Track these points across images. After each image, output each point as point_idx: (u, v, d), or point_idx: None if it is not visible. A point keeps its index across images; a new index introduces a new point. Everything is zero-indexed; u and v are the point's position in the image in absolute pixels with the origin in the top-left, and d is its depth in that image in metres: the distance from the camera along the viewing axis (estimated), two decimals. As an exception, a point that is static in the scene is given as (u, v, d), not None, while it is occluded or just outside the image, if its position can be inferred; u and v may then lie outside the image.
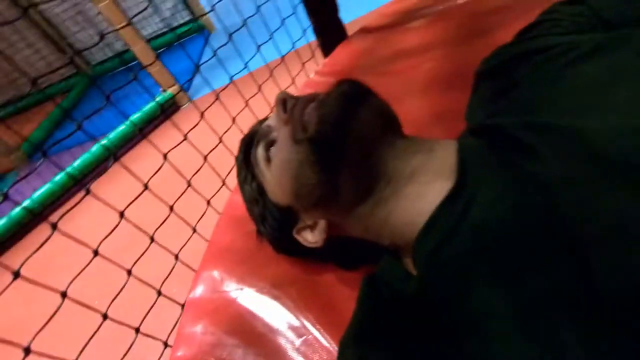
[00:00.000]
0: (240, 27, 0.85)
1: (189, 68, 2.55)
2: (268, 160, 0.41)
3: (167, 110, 2.27)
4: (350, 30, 1.12)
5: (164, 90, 2.29)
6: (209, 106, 0.75)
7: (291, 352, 0.46)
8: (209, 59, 0.80)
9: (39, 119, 2.77)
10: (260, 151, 0.42)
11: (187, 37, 3.24)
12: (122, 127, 2.09)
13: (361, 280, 0.39)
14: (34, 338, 0.43)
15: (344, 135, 0.35)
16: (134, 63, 3.09)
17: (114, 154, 1.95)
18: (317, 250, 0.43)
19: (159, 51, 2.43)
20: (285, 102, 0.39)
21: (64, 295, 0.46)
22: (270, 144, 0.42)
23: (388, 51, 0.96)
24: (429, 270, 0.32)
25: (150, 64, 1.92)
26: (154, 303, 0.63)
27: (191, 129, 0.70)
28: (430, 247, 0.32)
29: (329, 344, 0.44)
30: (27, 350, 0.43)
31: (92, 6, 2.92)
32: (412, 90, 0.78)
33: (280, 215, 0.42)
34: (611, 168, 0.25)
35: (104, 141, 2.06)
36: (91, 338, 0.52)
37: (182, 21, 3.31)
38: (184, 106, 2.26)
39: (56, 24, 3.23)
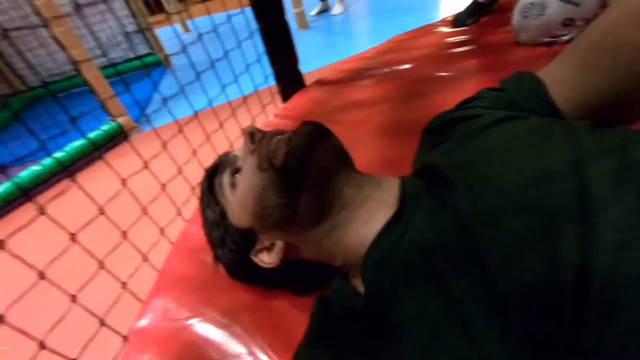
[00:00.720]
0: (204, 70, 0.90)
1: (141, 99, 2.52)
2: (233, 185, 0.47)
3: (113, 140, 2.19)
4: (307, 80, 1.23)
5: (113, 119, 2.22)
6: (172, 137, 0.77)
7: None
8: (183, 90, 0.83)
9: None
10: (226, 177, 0.48)
11: (142, 69, 3.22)
12: (62, 153, 1.97)
13: (314, 301, 0.44)
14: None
15: (307, 166, 0.41)
16: (78, 89, 2.98)
17: (66, 173, 1.80)
18: (271, 274, 0.47)
19: (110, 80, 2.38)
20: (253, 134, 0.45)
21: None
22: (236, 171, 0.47)
23: (340, 102, 1.08)
24: (372, 282, 0.38)
25: (109, 96, 1.87)
26: (95, 334, 0.60)
27: (152, 157, 0.71)
28: (374, 262, 0.38)
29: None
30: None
31: (41, 30, 2.83)
32: (362, 138, 0.88)
33: (240, 237, 0.46)
34: (506, 199, 0.33)
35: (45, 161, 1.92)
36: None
37: (139, 53, 3.30)
38: (132, 137, 2.20)
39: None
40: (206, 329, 0.52)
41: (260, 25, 1.03)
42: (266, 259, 0.46)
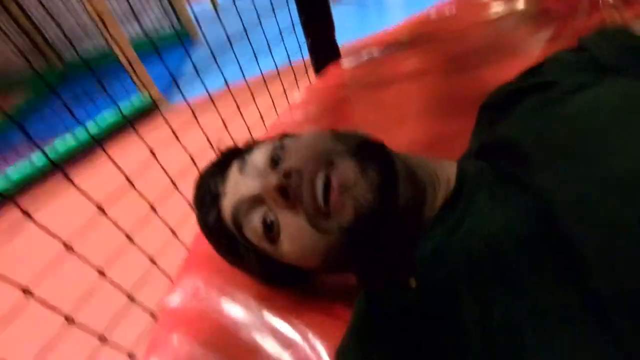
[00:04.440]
0: (233, 41, 0.84)
1: (166, 74, 2.50)
2: (272, 242, 0.37)
3: (144, 113, 2.20)
4: (344, 52, 1.15)
5: (143, 94, 2.22)
6: (204, 109, 0.73)
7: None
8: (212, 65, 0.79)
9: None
10: (258, 227, 0.37)
11: (169, 44, 3.20)
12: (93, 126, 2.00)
13: (357, 296, 0.39)
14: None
15: (384, 221, 0.34)
16: (110, 64, 3.01)
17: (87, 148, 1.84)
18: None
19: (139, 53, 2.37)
20: (285, 189, 0.34)
21: (26, 291, 0.41)
22: (270, 226, 0.36)
23: (379, 76, 1.00)
24: (425, 276, 0.33)
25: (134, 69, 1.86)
26: (122, 310, 0.58)
27: (183, 127, 0.67)
28: (427, 254, 0.33)
29: (318, 358, 0.42)
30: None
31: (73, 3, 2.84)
32: (405, 115, 0.81)
33: (293, 269, 0.40)
34: (609, 180, 0.27)
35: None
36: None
37: (167, 27, 3.27)
38: (162, 109, 2.20)
39: (31, 14, 3.09)
40: (238, 311, 0.49)
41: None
42: (332, 280, 0.42)
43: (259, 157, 0.38)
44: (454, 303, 0.29)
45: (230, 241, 0.41)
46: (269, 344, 0.45)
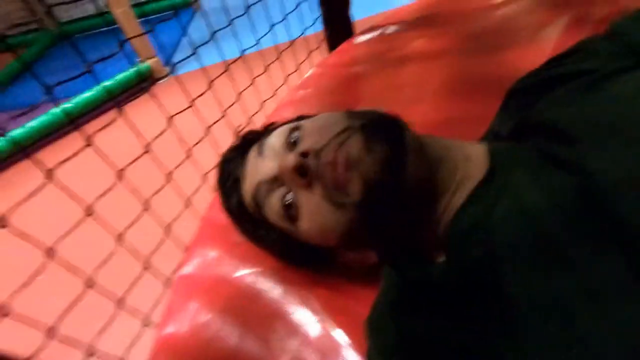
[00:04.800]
0: (243, 13, 0.80)
1: (169, 42, 2.43)
2: (292, 221, 0.38)
3: (142, 83, 2.14)
4: (358, 28, 1.12)
5: (142, 61, 2.15)
6: (218, 76, 0.71)
7: (295, 338, 0.44)
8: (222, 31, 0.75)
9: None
10: (277, 207, 0.38)
11: (170, 11, 3.09)
12: (91, 93, 1.94)
13: (384, 269, 0.40)
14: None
15: (395, 191, 0.34)
16: (108, 28, 2.90)
17: (76, 119, 1.80)
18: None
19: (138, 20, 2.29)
20: (302, 167, 0.34)
21: (49, 252, 0.41)
22: (289, 206, 0.37)
23: (395, 54, 0.97)
24: (459, 251, 0.33)
25: (136, 35, 1.80)
26: (138, 277, 0.58)
27: (199, 96, 0.65)
28: (463, 230, 0.33)
29: (337, 332, 0.43)
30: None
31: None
32: (422, 96, 0.79)
33: (314, 248, 0.40)
34: None
35: (67, 105, 1.90)
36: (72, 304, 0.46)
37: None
38: (163, 80, 2.14)
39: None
40: (256, 283, 0.49)
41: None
42: (353, 258, 0.41)
43: (275, 140, 0.39)
44: (497, 279, 0.29)
45: (252, 223, 0.42)
46: (286, 314, 0.45)
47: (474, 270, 0.31)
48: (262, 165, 0.39)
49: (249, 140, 0.45)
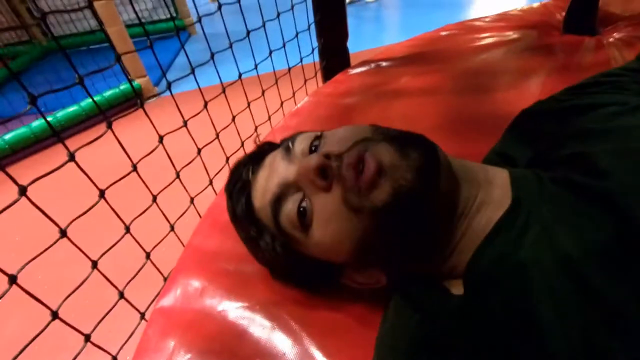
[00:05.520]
0: (243, 38, 0.80)
1: (162, 63, 2.42)
2: (304, 229, 0.36)
3: (129, 101, 2.11)
4: (352, 61, 1.14)
5: (132, 79, 2.13)
6: (214, 97, 0.69)
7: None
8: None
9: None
10: (292, 212, 0.36)
11: (164, 34, 3.12)
12: (75, 107, 1.89)
13: (393, 298, 0.38)
14: None
15: (421, 206, 0.32)
16: (99, 45, 2.89)
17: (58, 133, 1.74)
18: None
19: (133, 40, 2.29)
20: (325, 170, 0.33)
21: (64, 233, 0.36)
22: (303, 212, 0.35)
23: (388, 89, 0.99)
24: (491, 281, 0.31)
25: (128, 52, 1.79)
26: (112, 308, 0.52)
27: (193, 116, 0.63)
28: (493, 257, 0.31)
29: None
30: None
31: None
32: (412, 130, 0.80)
33: (320, 266, 0.38)
34: None
35: (50, 118, 1.84)
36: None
37: (163, 17, 3.19)
38: (152, 99, 2.11)
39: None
40: (242, 318, 0.45)
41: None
42: (361, 280, 0.39)
43: (298, 145, 0.38)
44: (527, 317, 0.27)
45: (258, 229, 0.40)
46: (276, 356, 0.41)
47: (501, 304, 0.29)
48: (284, 168, 0.37)
49: (264, 150, 0.44)
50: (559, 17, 1.15)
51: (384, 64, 1.10)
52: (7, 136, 1.75)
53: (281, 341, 0.42)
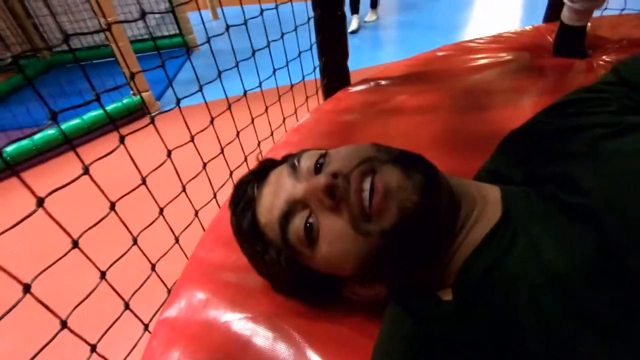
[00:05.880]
0: (249, 57, 0.83)
1: (162, 79, 2.46)
2: (310, 242, 0.37)
3: (132, 115, 2.14)
4: (352, 79, 1.17)
5: (135, 94, 2.17)
6: (221, 113, 0.71)
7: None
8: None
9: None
10: (299, 228, 0.37)
11: (166, 50, 3.18)
12: (76, 121, 1.92)
13: (389, 308, 0.40)
14: None
15: (424, 225, 0.34)
16: (102, 60, 2.93)
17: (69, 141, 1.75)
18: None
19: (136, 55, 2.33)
20: (332, 189, 0.34)
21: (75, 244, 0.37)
22: (310, 229, 0.36)
23: (386, 107, 1.02)
24: (477, 292, 0.33)
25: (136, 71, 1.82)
26: (117, 319, 0.53)
27: (200, 131, 0.65)
28: (482, 267, 0.33)
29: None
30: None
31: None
32: (411, 149, 0.82)
33: (323, 279, 0.40)
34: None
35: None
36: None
37: (166, 33, 3.25)
38: (154, 114, 2.14)
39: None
40: (246, 329, 0.46)
41: (316, 13, 0.98)
42: (362, 292, 0.40)
43: (304, 163, 0.39)
44: (511, 325, 0.29)
45: (262, 243, 0.41)
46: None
47: (491, 315, 0.31)
48: (291, 186, 0.38)
49: (267, 167, 0.45)
50: (550, 40, 1.20)
51: (383, 82, 1.13)
52: (9, 148, 1.76)
53: (283, 352, 0.43)
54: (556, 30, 1.13)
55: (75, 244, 0.42)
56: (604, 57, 1.08)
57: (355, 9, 3.19)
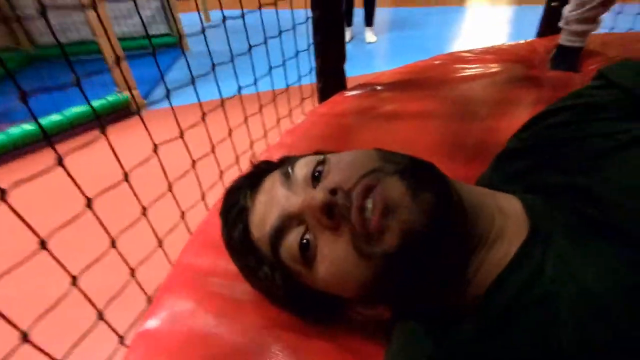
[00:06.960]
0: (244, 53, 0.80)
1: (150, 78, 2.40)
2: (306, 260, 0.33)
3: (117, 114, 2.06)
4: (348, 85, 1.15)
5: (120, 92, 2.10)
6: (213, 109, 0.67)
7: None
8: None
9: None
10: (293, 247, 0.34)
11: (157, 48, 3.11)
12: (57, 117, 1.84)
13: (401, 326, 0.36)
14: None
15: (435, 249, 0.30)
16: (88, 57, 2.85)
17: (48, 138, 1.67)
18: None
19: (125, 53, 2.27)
20: (332, 208, 0.31)
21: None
22: (306, 247, 0.33)
23: (383, 112, 1.00)
24: (511, 311, 0.30)
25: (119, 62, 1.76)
26: (90, 330, 0.48)
27: (190, 127, 0.61)
28: (514, 288, 0.30)
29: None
30: None
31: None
32: (408, 151, 0.80)
33: (321, 298, 0.36)
34: None
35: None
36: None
37: (156, 33, 3.19)
38: (140, 112, 2.08)
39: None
40: (235, 343, 0.42)
41: (314, 13, 0.95)
42: (365, 312, 0.38)
43: (300, 171, 0.35)
44: (553, 344, 0.27)
45: (255, 258, 0.37)
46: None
47: (522, 336, 0.28)
48: (286, 198, 0.34)
49: (262, 171, 0.41)
50: (543, 54, 1.21)
51: (379, 87, 1.11)
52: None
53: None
54: (551, 45, 1.15)
55: (42, 245, 0.37)
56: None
57: (348, 22, 3.21)
